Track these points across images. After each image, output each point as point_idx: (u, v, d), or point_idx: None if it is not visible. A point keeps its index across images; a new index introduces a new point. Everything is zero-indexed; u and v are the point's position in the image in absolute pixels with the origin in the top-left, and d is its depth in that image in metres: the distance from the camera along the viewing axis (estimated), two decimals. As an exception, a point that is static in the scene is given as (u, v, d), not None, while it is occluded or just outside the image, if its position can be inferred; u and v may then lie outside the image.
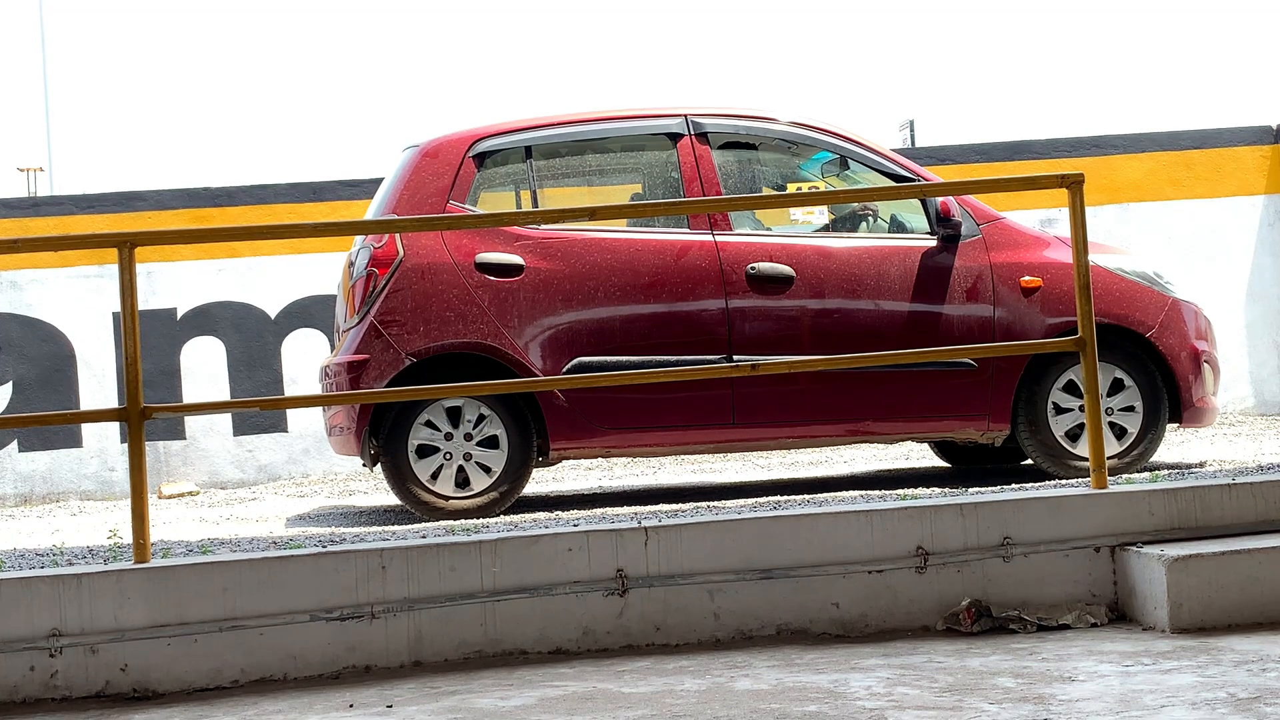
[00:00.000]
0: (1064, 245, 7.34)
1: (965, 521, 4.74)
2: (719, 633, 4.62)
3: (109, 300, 10.49)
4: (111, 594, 4.40)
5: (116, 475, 10.40)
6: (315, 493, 9.56)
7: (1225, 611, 4.42)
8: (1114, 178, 11.42)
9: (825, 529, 4.72)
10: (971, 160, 11.36)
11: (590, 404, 7.10)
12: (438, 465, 7.07)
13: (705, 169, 7.40)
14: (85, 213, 10.67)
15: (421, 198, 7.25)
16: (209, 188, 10.64)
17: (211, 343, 10.54)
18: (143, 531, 4.68)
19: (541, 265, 7.20)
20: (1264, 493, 4.85)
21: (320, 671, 4.43)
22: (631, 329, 7.19)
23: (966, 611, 4.61)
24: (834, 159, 7.70)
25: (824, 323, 7.24)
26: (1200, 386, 7.42)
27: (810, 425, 7.28)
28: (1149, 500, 4.79)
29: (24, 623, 4.36)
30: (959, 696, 3.72)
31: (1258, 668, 3.85)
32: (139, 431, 4.75)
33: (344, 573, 4.50)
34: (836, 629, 4.66)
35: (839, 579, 4.69)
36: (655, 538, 4.63)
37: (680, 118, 7.56)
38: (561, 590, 4.57)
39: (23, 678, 4.33)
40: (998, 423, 7.26)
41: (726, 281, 7.21)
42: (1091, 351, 5.09)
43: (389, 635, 4.48)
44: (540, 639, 4.54)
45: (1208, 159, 11.69)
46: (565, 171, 8.01)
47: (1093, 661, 4.05)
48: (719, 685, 4.00)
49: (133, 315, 4.77)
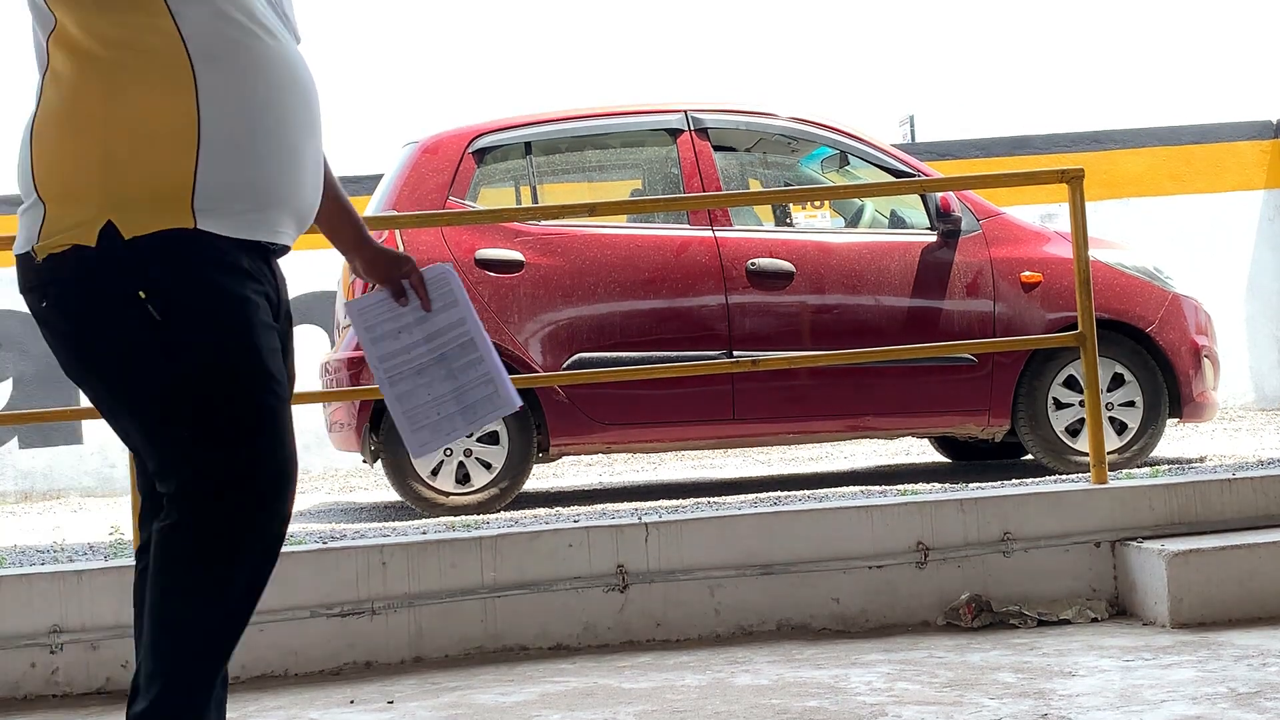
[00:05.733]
0: (1064, 240, 7.34)
1: (965, 517, 4.75)
2: (719, 628, 4.62)
3: (109, 297, 10.48)
4: (112, 590, 4.40)
5: (117, 472, 10.40)
6: (316, 489, 9.56)
7: (1226, 606, 4.42)
8: (1114, 173, 11.43)
9: (826, 524, 4.72)
10: (971, 155, 11.36)
11: (590, 400, 7.10)
12: (438, 461, 7.08)
13: (705, 165, 7.40)
14: (85, 209, 10.67)
15: (421, 194, 7.25)
16: (209, 184, 10.61)
17: (212, 339, 10.53)
18: (143, 528, 4.68)
19: (541, 261, 7.20)
20: (1264, 488, 4.85)
21: (321, 667, 4.43)
22: (632, 325, 7.19)
23: (967, 607, 4.61)
24: (834, 154, 7.70)
25: (824, 318, 7.24)
26: (1200, 381, 7.42)
27: (810, 421, 7.28)
28: (1149, 495, 4.79)
29: (25, 619, 4.37)
30: (959, 691, 3.72)
31: (1258, 662, 3.85)
32: (139, 428, 4.75)
33: (345, 569, 4.50)
34: (837, 624, 4.66)
35: (839, 574, 4.69)
36: (656, 533, 4.63)
37: (680, 113, 7.56)
38: (562, 586, 4.58)
39: (24, 674, 4.34)
40: (998, 418, 7.27)
41: (727, 277, 7.21)
42: (1091, 346, 5.08)
43: (390, 631, 4.48)
44: (541, 635, 4.54)
45: (1208, 154, 11.70)
46: (565, 167, 8.01)
47: (1093, 656, 4.05)
48: (719, 680, 4.00)
49: (133, 312, 4.76)
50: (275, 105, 2.46)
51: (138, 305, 2.36)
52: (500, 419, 7.07)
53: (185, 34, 2.39)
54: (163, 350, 2.37)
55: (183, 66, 2.38)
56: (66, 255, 2.38)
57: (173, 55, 2.38)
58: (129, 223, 2.36)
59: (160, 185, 2.38)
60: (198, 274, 2.39)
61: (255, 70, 2.43)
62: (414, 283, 2.83)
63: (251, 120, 2.42)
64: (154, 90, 2.38)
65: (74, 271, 2.38)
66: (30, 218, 2.41)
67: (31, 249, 2.41)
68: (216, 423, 2.39)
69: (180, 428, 2.40)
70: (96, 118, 2.37)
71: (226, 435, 2.39)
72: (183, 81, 2.38)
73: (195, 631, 2.42)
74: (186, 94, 2.38)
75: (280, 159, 2.46)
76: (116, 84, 2.37)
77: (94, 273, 2.37)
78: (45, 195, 2.40)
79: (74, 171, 2.38)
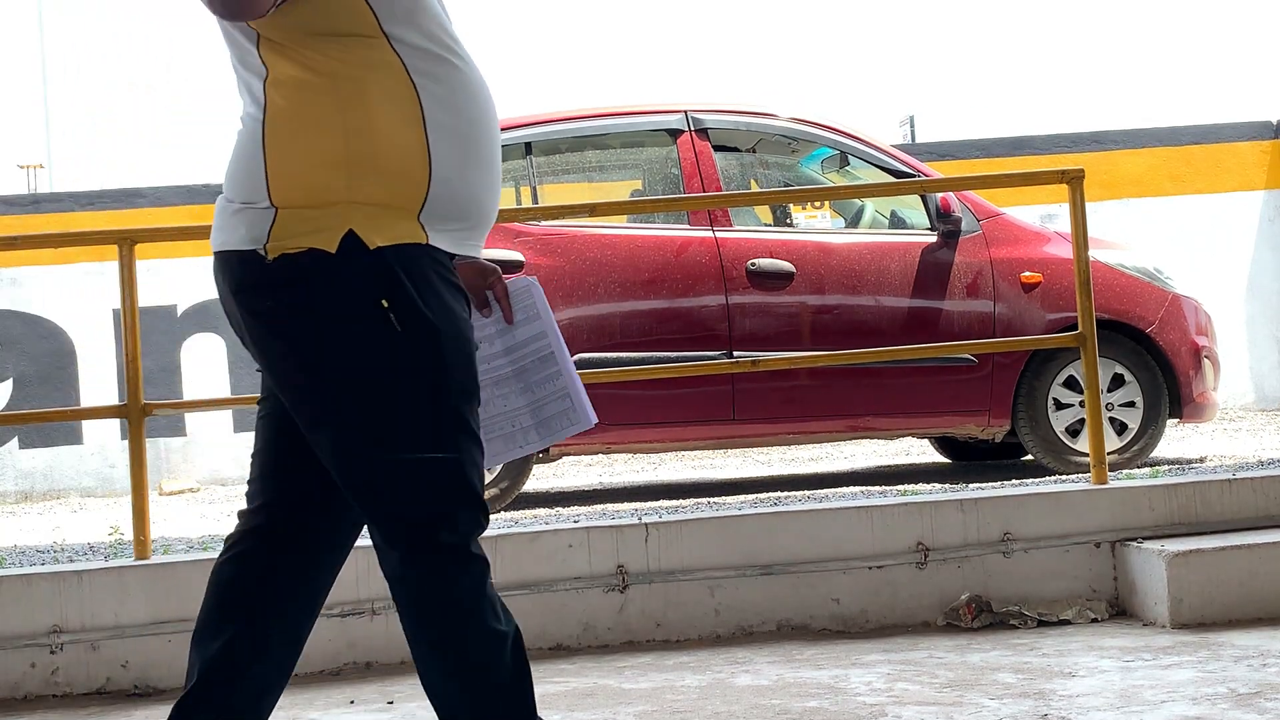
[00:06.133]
0: (1064, 240, 7.34)
1: (965, 517, 4.75)
2: (719, 629, 4.62)
3: (109, 297, 10.49)
4: (112, 591, 4.40)
5: (117, 472, 10.40)
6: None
7: (1225, 607, 4.42)
8: (1114, 173, 11.42)
9: (826, 525, 4.72)
10: (972, 156, 11.36)
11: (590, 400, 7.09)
12: (438, 462, 7.07)
13: (705, 165, 7.40)
14: (85, 209, 10.68)
15: (421, 194, 7.25)
16: (209, 184, 10.64)
17: (212, 339, 10.54)
18: (143, 528, 4.68)
19: (542, 261, 7.19)
20: (1264, 488, 4.85)
21: (321, 668, 4.43)
22: (632, 325, 7.19)
23: (967, 607, 4.61)
24: (834, 155, 7.70)
25: (824, 318, 7.24)
26: (1200, 381, 7.42)
27: (811, 421, 7.28)
28: (1149, 496, 4.79)
29: (25, 619, 4.37)
30: (959, 692, 3.72)
31: (1258, 663, 3.85)
32: (139, 428, 4.75)
33: (344, 569, 4.49)
34: (837, 625, 4.66)
35: (840, 575, 4.69)
36: (656, 534, 4.63)
37: (680, 114, 7.56)
38: (562, 586, 4.58)
39: (24, 675, 4.34)
40: (998, 418, 7.26)
41: (727, 277, 7.21)
42: (1092, 347, 5.08)
43: (390, 632, 4.47)
44: (541, 635, 4.54)
45: (1208, 154, 11.69)
46: (565, 167, 8.01)
47: (1093, 657, 4.05)
48: (720, 681, 4.00)
49: (133, 312, 4.77)
50: (479, 125, 2.53)
51: (379, 313, 2.41)
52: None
53: (404, 59, 2.46)
54: (399, 358, 2.43)
55: (408, 88, 2.45)
56: (302, 258, 2.42)
57: (398, 77, 2.45)
58: (371, 232, 2.42)
59: (398, 199, 2.44)
60: (435, 288, 2.45)
61: (463, 93, 2.52)
62: (498, 294, 2.85)
63: (465, 141, 2.50)
64: (386, 107, 2.44)
65: (313, 275, 2.43)
66: (256, 218, 2.45)
67: (261, 248, 2.44)
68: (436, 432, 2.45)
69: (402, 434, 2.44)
70: (332, 128, 2.43)
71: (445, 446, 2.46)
72: (410, 101, 2.45)
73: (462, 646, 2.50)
74: (414, 113, 2.45)
75: (485, 177, 2.54)
76: (346, 96, 2.44)
77: (337, 278, 2.42)
78: (279, 200, 2.44)
79: (315, 178, 2.43)
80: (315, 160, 2.43)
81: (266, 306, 2.46)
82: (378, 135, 2.43)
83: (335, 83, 2.43)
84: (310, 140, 2.43)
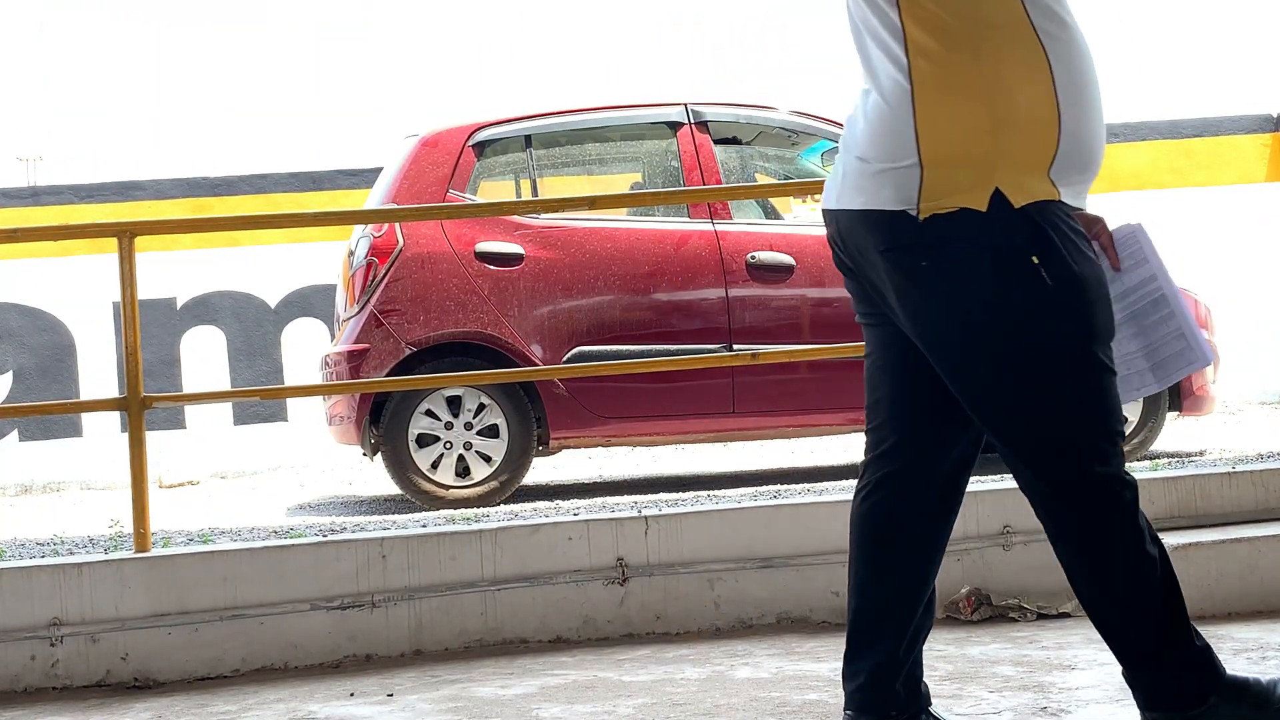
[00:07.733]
0: (1064, 234, 7.34)
1: (965, 510, 4.73)
2: (719, 621, 4.62)
3: (109, 290, 10.48)
4: (112, 583, 4.40)
5: (117, 465, 10.40)
6: (315, 482, 9.56)
7: (1225, 600, 4.42)
8: (1114, 166, 11.41)
9: (826, 517, 4.71)
10: (971, 149, 11.35)
11: (590, 393, 7.10)
12: (438, 454, 7.08)
13: (705, 158, 7.40)
14: (85, 202, 10.67)
15: (421, 187, 7.25)
16: (208, 177, 10.63)
17: (211, 332, 10.54)
18: (143, 521, 4.68)
19: (541, 254, 7.19)
20: (1264, 481, 4.85)
21: (321, 660, 4.43)
22: (631, 318, 7.19)
23: (966, 600, 4.61)
24: (834, 148, 7.70)
25: (825, 311, 7.24)
26: (1199, 374, 7.42)
27: (810, 414, 7.28)
28: (1149, 489, 4.79)
29: (25, 612, 4.37)
30: (959, 684, 3.72)
31: (1258, 655, 3.85)
32: (139, 421, 4.75)
33: (344, 562, 4.50)
34: (837, 618, 4.66)
35: (840, 568, 4.66)
36: (655, 526, 4.64)
37: (680, 106, 7.56)
38: (562, 579, 4.58)
39: (23, 667, 4.34)
40: (998, 411, 7.26)
41: (727, 270, 7.21)
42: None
43: (389, 624, 4.48)
44: (541, 628, 4.55)
45: (1208, 147, 11.69)
46: (565, 160, 8.00)
47: (1093, 650, 4.05)
48: (719, 673, 4.00)
49: (133, 305, 4.77)
50: (1094, 81, 2.63)
51: (1032, 269, 2.55)
52: (501, 411, 7.09)
53: (1032, 18, 2.56)
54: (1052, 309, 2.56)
55: (1035, 45, 2.56)
56: (954, 217, 2.54)
57: (1025, 34, 2.55)
58: (1016, 189, 2.54)
59: (1034, 156, 2.56)
60: (1075, 241, 2.59)
61: (1080, 51, 2.62)
62: (1104, 243, 2.91)
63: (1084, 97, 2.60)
64: (1020, 65, 2.55)
65: (969, 233, 2.55)
66: (903, 178, 2.56)
67: (913, 208, 2.56)
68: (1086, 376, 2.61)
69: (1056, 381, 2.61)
70: (978, 88, 2.53)
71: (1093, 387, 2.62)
72: (1039, 59, 2.55)
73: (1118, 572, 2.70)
74: (1044, 70, 2.56)
75: (1098, 133, 2.65)
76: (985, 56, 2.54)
77: (992, 236, 2.54)
78: (927, 159, 2.54)
79: (964, 138, 2.54)
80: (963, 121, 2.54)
81: (921, 266, 2.59)
82: (1017, 95, 2.54)
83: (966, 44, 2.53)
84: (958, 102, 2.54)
